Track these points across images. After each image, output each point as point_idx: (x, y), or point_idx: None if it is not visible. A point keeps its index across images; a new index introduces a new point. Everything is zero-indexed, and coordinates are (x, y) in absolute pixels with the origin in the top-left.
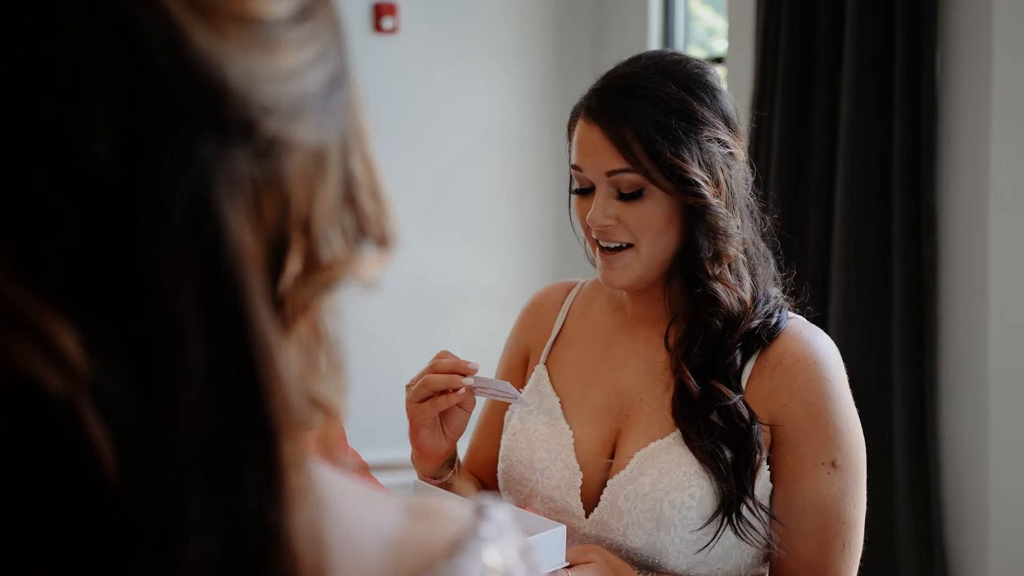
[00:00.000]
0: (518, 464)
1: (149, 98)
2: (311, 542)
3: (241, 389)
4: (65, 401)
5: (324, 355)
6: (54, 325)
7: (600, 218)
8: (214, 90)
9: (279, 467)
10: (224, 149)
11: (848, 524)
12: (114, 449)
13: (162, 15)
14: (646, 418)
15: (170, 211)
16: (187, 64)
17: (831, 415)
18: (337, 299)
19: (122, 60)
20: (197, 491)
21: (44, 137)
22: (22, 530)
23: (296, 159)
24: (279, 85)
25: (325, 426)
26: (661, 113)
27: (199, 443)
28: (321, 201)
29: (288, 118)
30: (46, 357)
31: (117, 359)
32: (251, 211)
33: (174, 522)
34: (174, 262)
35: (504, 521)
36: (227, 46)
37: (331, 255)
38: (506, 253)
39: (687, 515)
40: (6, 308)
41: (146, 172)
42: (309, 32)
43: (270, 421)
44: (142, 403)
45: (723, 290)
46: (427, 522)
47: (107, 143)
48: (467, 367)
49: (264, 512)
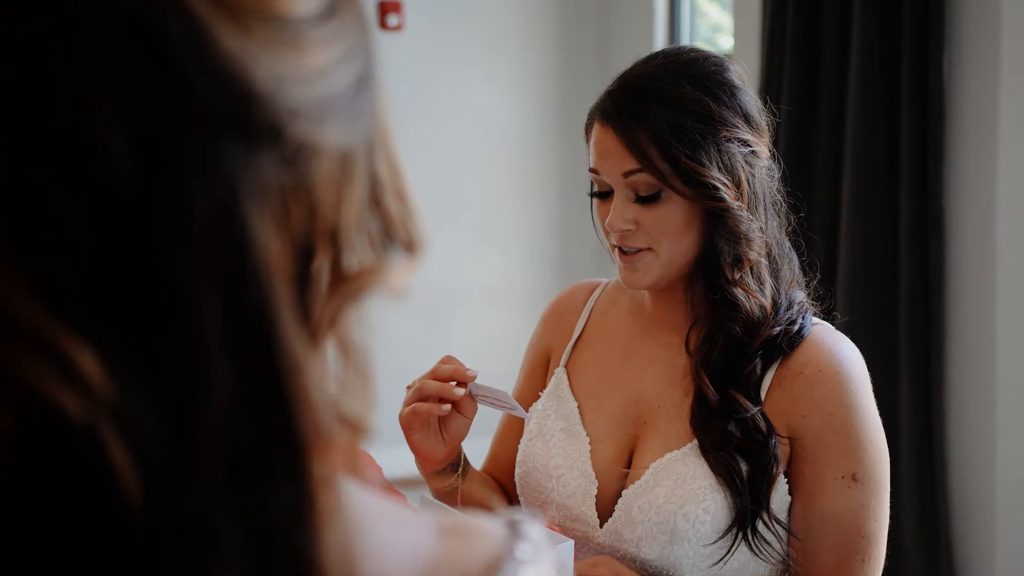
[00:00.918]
0: (534, 470)
1: (171, 102)
2: (343, 565)
3: (268, 406)
4: (85, 425)
5: (352, 367)
6: (72, 346)
7: (619, 222)
8: (240, 93)
9: (309, 488)
10: (250, 155)
11: (869, 539)
12: (137, 474)
13: (185, 12)
14: (663, 426)
15: (193, 222)
16: (212, 65)
17: (853, 427)
18: (365, 309)
19: (141, 61)
20: (224, 516)
21: (58, 145)
22: (41, 562)
23: (323, 164)
24: (306, 87)
25: (352, 441)
26: (677, 115)
27: (225, 465)
28: (348, 206)
29: (315, 121)
30: (65, 380)
31: (138, 379)
32: (278, 220)
33: (202, 550)
34: (197, 275)
35: (539, 540)
36: (253, 46)
37: (358, 263)
38: (511, 250)
39: (701, 529)
40: (21, 329)
41: (167, 181)
42: (335, 30)
43: (298, 439)
44: (165, 425)
45: (743, 295)
46: (461, 543)
47: (126, 151)
48: (466, 374)
49: (295, 536)
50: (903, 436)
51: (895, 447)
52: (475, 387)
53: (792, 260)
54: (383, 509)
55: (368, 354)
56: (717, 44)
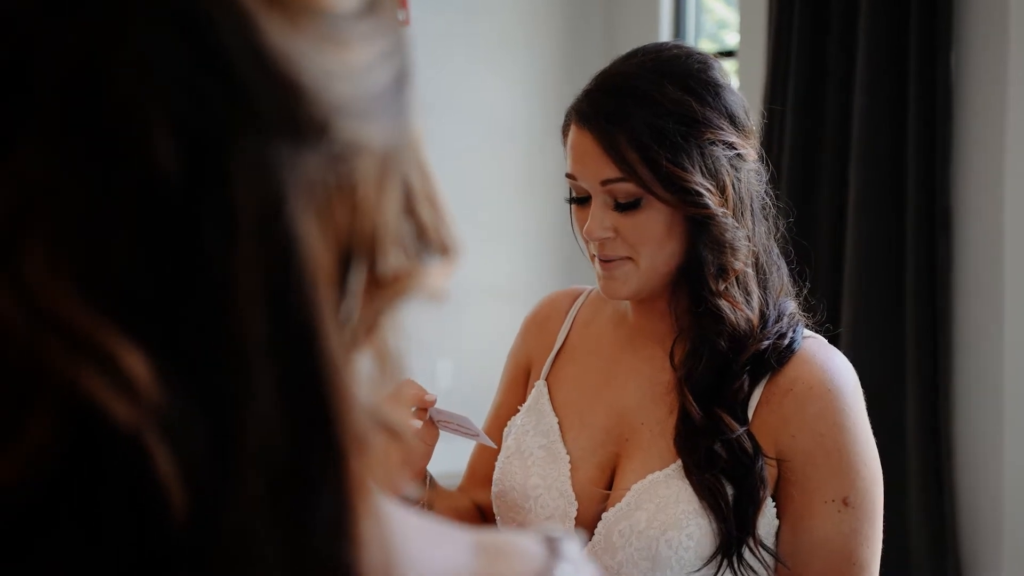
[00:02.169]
0: (511, 490)
1: (218, 97)
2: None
3: (310, 412)
4: (131, 432)
5: (387, 374)
6: (121, 347)
7: (597, 230)
8: (288, 88)
9: (349, 499)
10: (297, 153)
11: (860, 566)
12: (184, 485)
13: (233, 5)
14: (646, 444)
15: (238, 221)
16: (261, 59)
17: (844, 448)
18: (400, 314)
19: (188, 57)
20: (265, 528)
21: (105, 145)
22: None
23: (367, 162)
24: (351, 83)
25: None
26: (657, 116)
27: (267, 475)
28: (387, 208)
29: (360, 118)
30: (113, 383)
31: (184, 385)
32: (323, 219)
33: (242, 562)
34: (242, 276)
35: (578, 559)
36: (300, 41)
37: (395, 268)
38: (514, 248)
39: (684, 556)
40: (68, 329)
41: (214, 179)
42: (375, 27)
43: (339, 447)
44: (210, 433)
45: (728, 308)
46: (499, 561)
47: (172, 148)
48: (424, 398)
49: (334, 548)
50: (910, 433)
51: (902, 446)
52: (436, 412)
53: (781, 268)
54: (420, 525)
55: (403, 360)
56: (722, 41)
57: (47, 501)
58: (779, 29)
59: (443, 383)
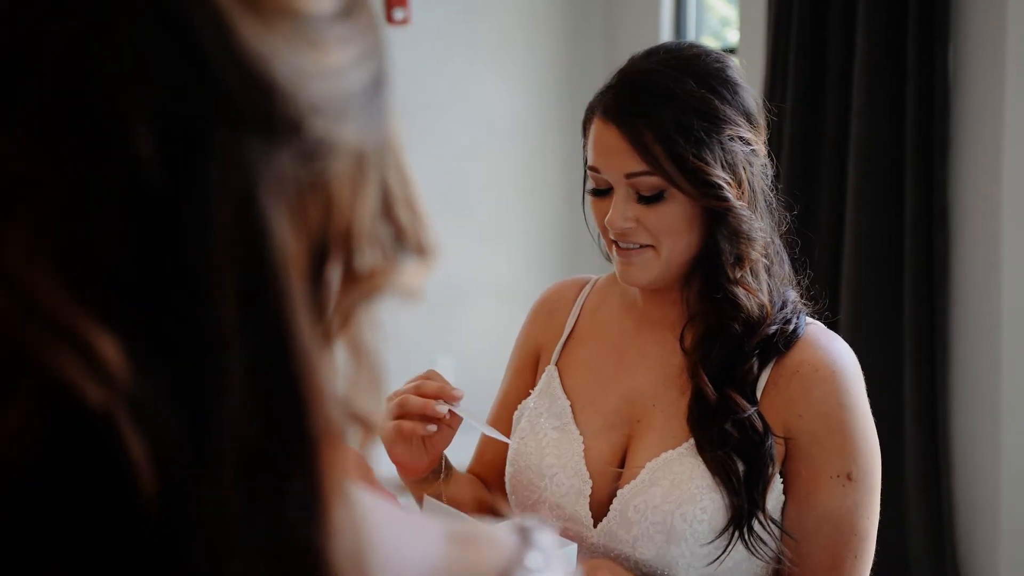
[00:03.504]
0: (526, 469)
1: (195, 92)
2: (353, 566)
3: (281, 401)
4: (103, 414)
5: (363, 368)
6: (95, 332)
7: (620, 221)
8: (262, 86)
9: (320, 484)
10: (270, 148)
11: (861, 536)
12: (153, 467)
13: (210, 5)
14: (659, 425)
15: (214, 213)
16: (236, 57)
17: (848, 426)
18: (376, 311)
19: (167, 52)
20: (238, 512)
21: (87, 135)
22: (58, 555)
23: (340, 161)
24: (325, 83)
25: (363, 440)
26: (682, 113)
27: (239, 460)
28: (362, 207)
29: (334, 118)
30: (86, 367)
31: (156, 371)
32: (295, 215)
33: (214, 545)
34: (217, 265)
35: (549, 548)
36: (275, 40)
37: (371, 264)
38: (515, 247)
39: (698, 529)
40: (45, 314)
41: (191, 170)
42: (351, 30)
43: (310, 435)
44: (181, 417)
45: (744, 295)
46: (471, 551)
47: (150, 138)
48: (452, 393)
49: (305, 531)
50: (907, 429)
51: (899, 442)
52: (459, 410)
53: (784, 258)
54: (393, 515)
55: (379, 356)
56: (723, 38)
57: (29, 484)
58: (778, 26)
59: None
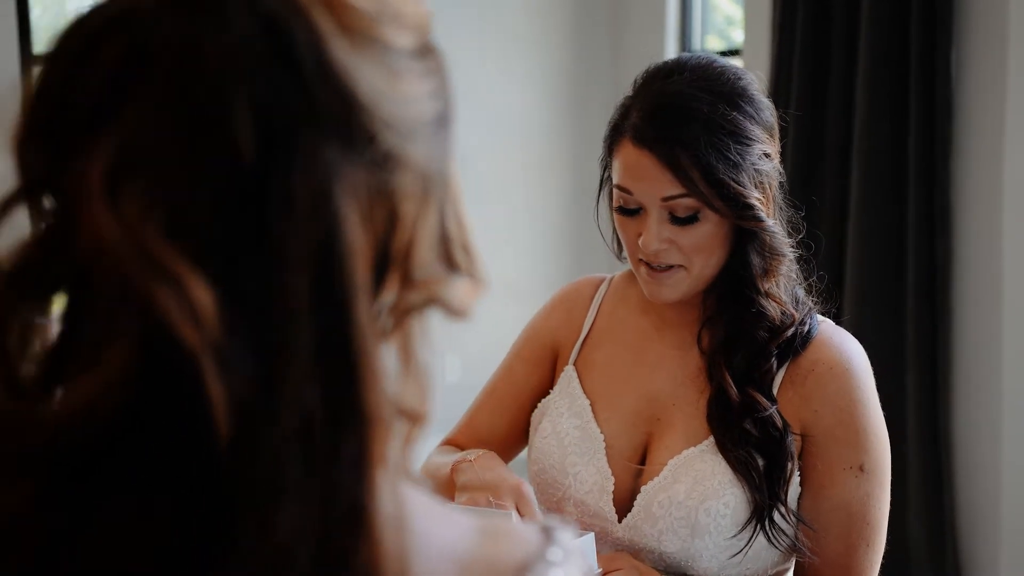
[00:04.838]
0: (550, 468)
1: (289, 94)
2: (396, 534)
3: (340, 374)
4: (193, 356)
5: (411, 371)
6: (192, 279)
7: (654, 243)
8: (346, 98)
9: (368, 455)
10: (347, 153)
11: (873, 525)
12: (229, 411)
13: (310, 23)
14: (679, 424)
15: (295, 200)
16: (325, 70)
17: (861, 421)
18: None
19: (271, 56)
20: (296, 461)
21: (194, 113)
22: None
23: (406, 177)
24: (398, 106)
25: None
26: (715, 136)
27: (300, 418)
28: (423, 228)
29: (404, 137)
30: (183, 307)
31: (239, 327)
32: (364, 215)
33: (274, 487)
34: (295, 245)
35: (570, 545)
36: (361, 62)
37: (427, 275)
38: (522, 246)
39: (722, 523)
40: (152, 257)
41: (279, 159)
42: (425, 69)
43: (363, 408)
44: (256, 372)
45: (772, 306)
46: (497, 543)
47: (249, 126)
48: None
49: (354, 492)
50: (910, 429)
51: (901, 440)
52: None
53: (793, 260)
54: (430, 504)
55: (428, 368)
56: (728, 37)
57: (120, 418)
58: (783, 27)
59: (451, 378)
